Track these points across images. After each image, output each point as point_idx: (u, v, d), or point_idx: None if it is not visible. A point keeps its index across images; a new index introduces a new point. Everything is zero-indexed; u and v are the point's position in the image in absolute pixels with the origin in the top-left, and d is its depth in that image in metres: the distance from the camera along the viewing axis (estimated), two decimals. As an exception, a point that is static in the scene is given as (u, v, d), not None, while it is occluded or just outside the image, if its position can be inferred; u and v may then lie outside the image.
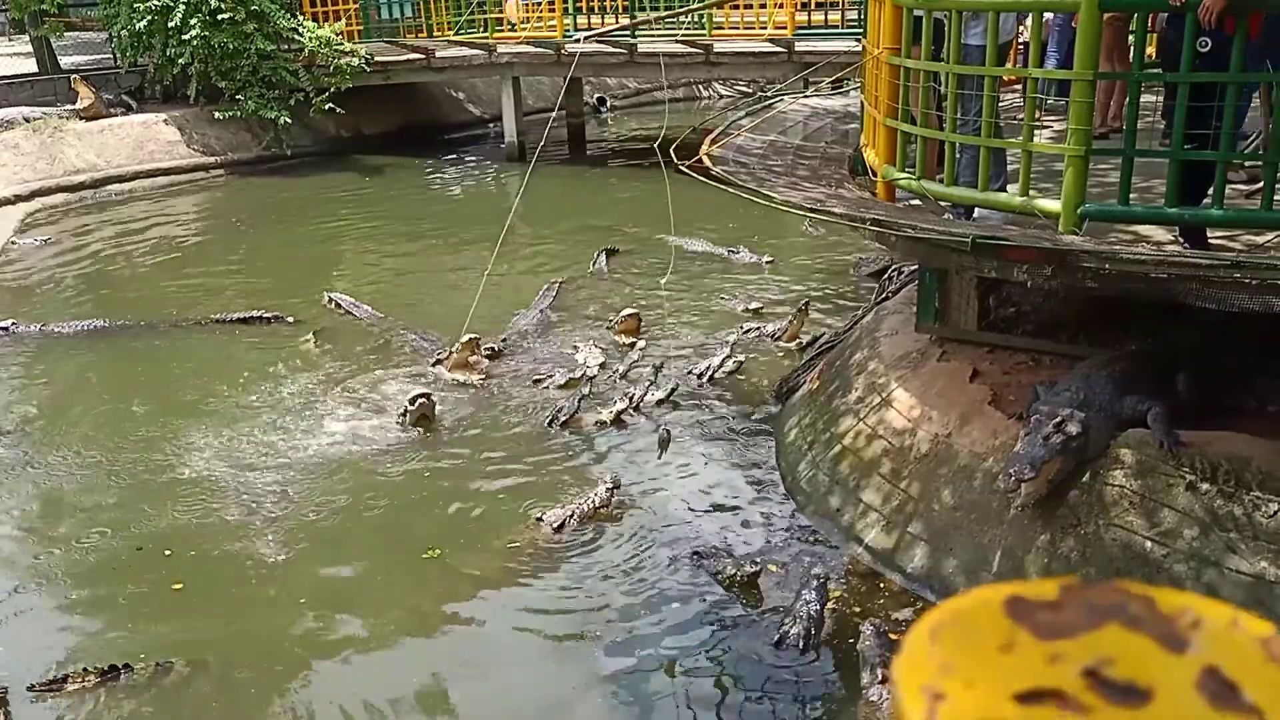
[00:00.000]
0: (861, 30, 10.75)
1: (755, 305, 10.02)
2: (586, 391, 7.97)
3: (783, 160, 7.59)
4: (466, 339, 8.57)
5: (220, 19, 16.71)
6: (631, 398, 7.80)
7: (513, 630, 5.49)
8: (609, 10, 18.60)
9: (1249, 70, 4.92)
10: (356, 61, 17.90)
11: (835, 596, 5.52)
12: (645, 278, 11.26)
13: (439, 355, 8.77)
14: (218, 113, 17.54)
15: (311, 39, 17.61)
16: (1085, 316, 6.58)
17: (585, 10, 18.44)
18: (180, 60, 17.10)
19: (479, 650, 5.36)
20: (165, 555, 6.19)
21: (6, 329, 9.98)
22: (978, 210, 6.15)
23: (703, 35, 16.98)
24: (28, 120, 16.78)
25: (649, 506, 6.61)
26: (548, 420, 7.64)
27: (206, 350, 9.59)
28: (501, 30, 18.60)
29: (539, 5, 18.70)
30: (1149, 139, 5.64)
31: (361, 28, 19.47)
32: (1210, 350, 5.63)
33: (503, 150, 18.63)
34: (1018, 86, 9.10)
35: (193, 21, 16.63)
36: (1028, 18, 8.25)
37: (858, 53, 8.95)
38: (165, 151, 17.35)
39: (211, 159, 17.64)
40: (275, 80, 17.55)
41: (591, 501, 6.36)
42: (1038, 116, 6.84)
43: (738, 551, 6.00)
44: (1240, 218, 5.34)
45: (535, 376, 8.53)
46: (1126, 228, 5.68)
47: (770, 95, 11.28)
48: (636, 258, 12.01)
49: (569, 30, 17.66)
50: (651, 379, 8.23)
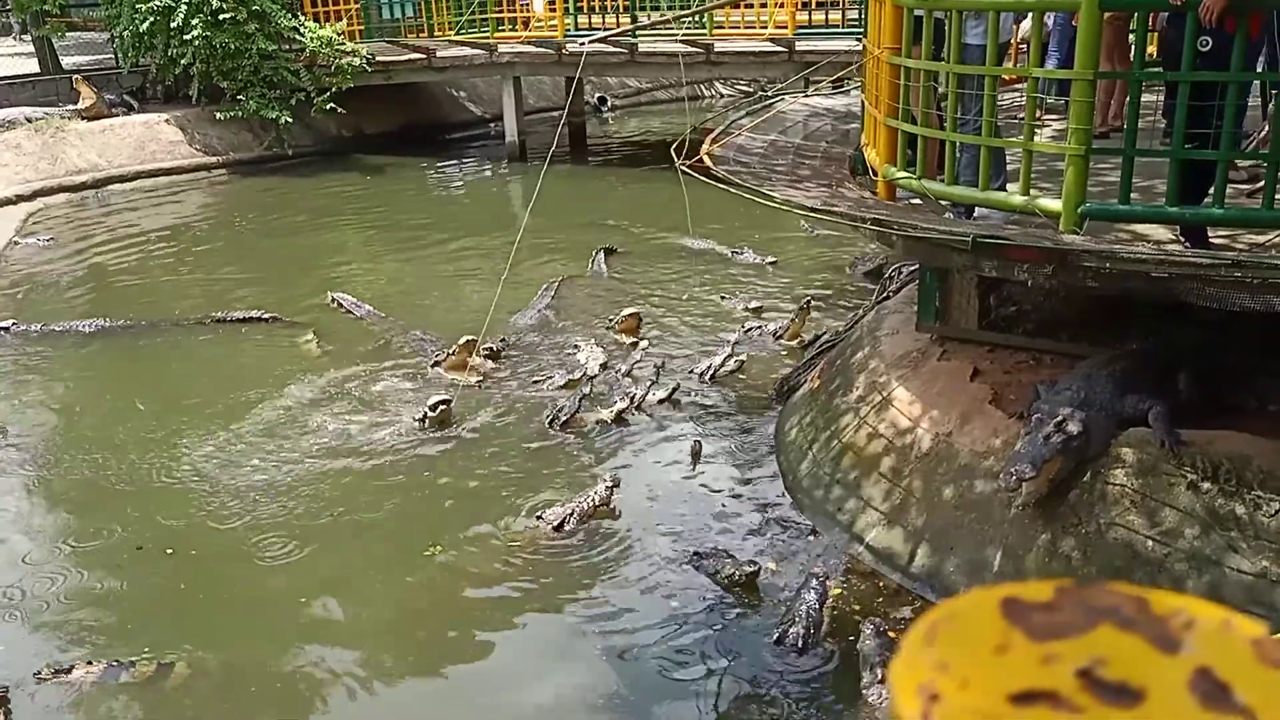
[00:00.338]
0: (862, 30, 10.76)
1: (755, 305, 10.03)
2: (588, 391, 7.98)
3: (784, 160, 7.59)
4: (464, 340, 8.58)
5: (222, 19, 16.72)
6: (633, 397, 7.81)
7: (512, 629, 5.50)
8: (609, 10, 18.61)
9: (1249, 69, 4.92)
10: (358, 61, 17.92)
11: (835, 595, 5.53)
12: (645, 277, 11.27)
13: (437, 357, 8.77)
14: (219, 113, 17.56)
15: (313, 39, 17.62)
16: (1086, 316, 6.58)
17: (586, 10, 18.45)
18: (182, 61, 17.12)
19: (479, 649, 5.37)
20: (168, 554, 6.21)
21: (7, 329, 9.99)
22: (978, 209, 6.15)
23: (703, 35, 16.98)
24: (30, 120, 16.81)
25: (649, 505, 6.62)
26: (549, 420, 7.65)
27: (207, 350, 9.60)
28: (504, 30, 18.60)
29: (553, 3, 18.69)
30: (1150, 138, 5.63)
31: (362, 27, 19.49)
32: (1211, 349, 5.63)
33: (504, 150, 18.64)
34: (1017, 86, 9.10)
35: (194, 22, 16.64)
36: (1025, 19, 8.25)
37: (858, 52, 8.95)
38: (167, 151, 17.37)
39: (213, 159, 17.66)
40: (276, 80, 17.57)
41: (591, 500, 6.37)
42: (1038, 116, 6.84)
43: (737, 551, 6.00)
44: (1241, 217, 5.34)
45: (535, 376, 8.54)
46: (1127, 227, 5.68)
47: (771, 95, 11.27)
48: (637, 257, 12.02)
49: (570, 30, 17.67)
50: (653, 378, 8.23)
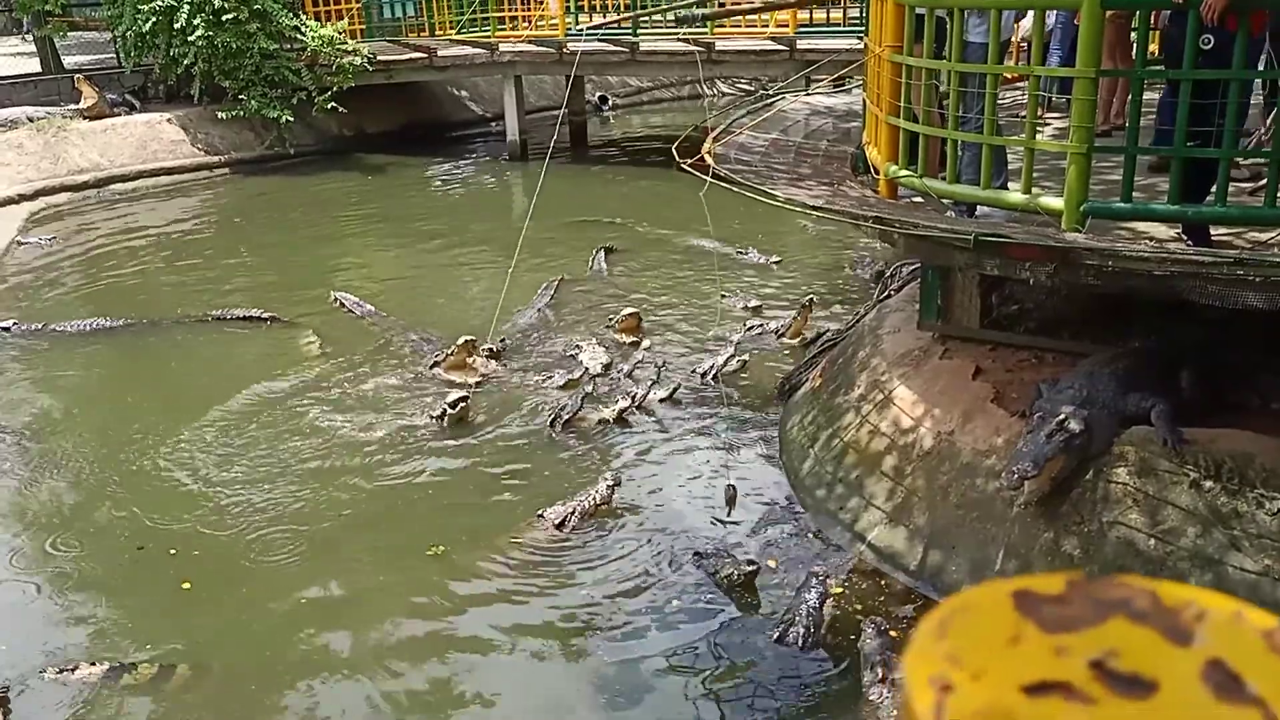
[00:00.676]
0: (863, 28, 10.75)
1: (755, 303, 10.03)
2: (590, 390, 7.98)
3: (785, 158, 7.59)
4: (462, 341, 8.58)
5: (224, 19, 16.73)
6: (634, 396, 7.81)
7: (514, 627, 5.50)
8: (610, 9, 18.61)
9: (1250, 67, 4.91)
10: (359, 60, 17.92)
11: (838, 594, 5.53)
12: (645, 276, 11.27)
13: (436, 357, 8.77)
14: (221, 112, 17.57)
15: (314, 38, 17.63)
16: (1088, 314, 6.58)
17: (587, 9, 18.45)
18: (184, 61, 17.14)
19: (480, 648, 5.36)
20: (171, 554, 6.21)
21: (8, 328, 10.00)
22: (980, 208, 6.15)
23: (704, 33, 16.97)
24: (31, 120, 16.82)
25: (651, 504, 6.62)
26: (550, 419, 7.65)
27: (208, 349, 9.61)
28: (506, 29, 18.60)
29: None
30: (1152, 137, 5.64)
31: (364, 26, 19.50)
32: (1214, 347, 5.62)
33: (505, 149, 18.65)
34: (1019, 84, 9.10)
35: (196, 21, 16.65)
36: (1027, 18, 8.24)
37: (859, 51, 8.95)
38: (168, 151, 17.37)
39: (215, 158, 17.66)
40: (278, 79, 17.58)
41: (592, 499, 6.37)
42: (1040, 114, 6.84)
43: (739, 550, 6.01)
44: (1243, 215, 5.34)
45: (537, 376, 8.54)
46: (1129, 225, 5.67)
47: (772, 93, 11.28)
48: (637, 256, 12.02)
49: (571, 29, 17.66)
50: (654, 378, 8.23)
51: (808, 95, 10.63)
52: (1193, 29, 4.79)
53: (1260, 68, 5.13)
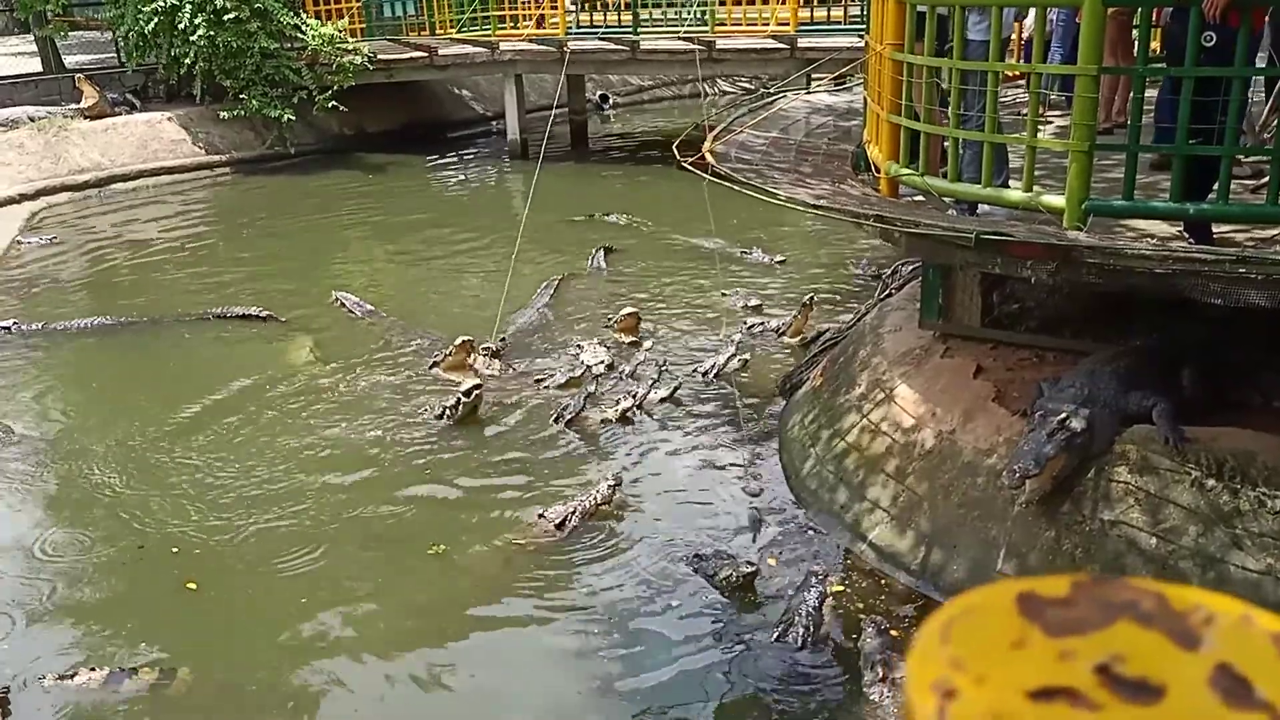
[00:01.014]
0: (864, 26, 10.73)
1: (755, 302, 10.02)
2: (592, 390, 7.97)
3: (786, 157, 7.58)
4: (460, 341, 8.57)
5: (225, 19, 16.73)
6: (635, 396, 7.80)
7: (513, 627, 5.49)
8: (611, 8, 18.61)
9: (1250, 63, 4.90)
10: (359, 59, 17.91)
11: (839, 594, 5.52)
12: (646, 275, 11.26)
13: (435, 358, 8.76)
14: (223, 112, 17.57)
15: (315, 37, 17.62)
16: (1089, 312, 6.57)
17: (588, 7, 18.45)
18: (186, 60, 17.15)
19: (480, 648, 5.36)
20: (173, 553, 6.21)
21: (8, 328, 10.00)
22: (982, 206, 6.14)
23: (705, 32, 16.95)
24: (32, 119, 16.82)
25: (651, 503, 6.61)
26: (553, 419, 7.64)
27: (209, 348, 9.60)
28: (505, 28, 18.60)
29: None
30: (1153, 134, 5.63)
31: (364, 25, 19.48)
32: (1215, 345, 5.61)
33: (506, 148, 18.64)
34: (1019, 82, 9.08)
35: (198, 21, 16.65)
36: (1028, 16, 8.23)
37: (860, 49, 8.94)
38: (169, 150, 17.37)
39: (215, 157, 17.66)
40: (278, 79, 17.57)
41: (593, 498, 6.37)
42: (1041, 112, 6.82)
43: (740, 549, 6.00)
44: (1245, 212, 5.33)
45: (538, 375, 8.53)
46: (1130, 223, 5.66)
47: (773, 92, 11.27)
48: (638, 255, 12.01)
49: (571, 27, 17.66)
50: (654, 377, 8.22)
51: (808, 94, 10.62)
52: (1194, 26, 4.78)
53: (1261, 64, 5.11)
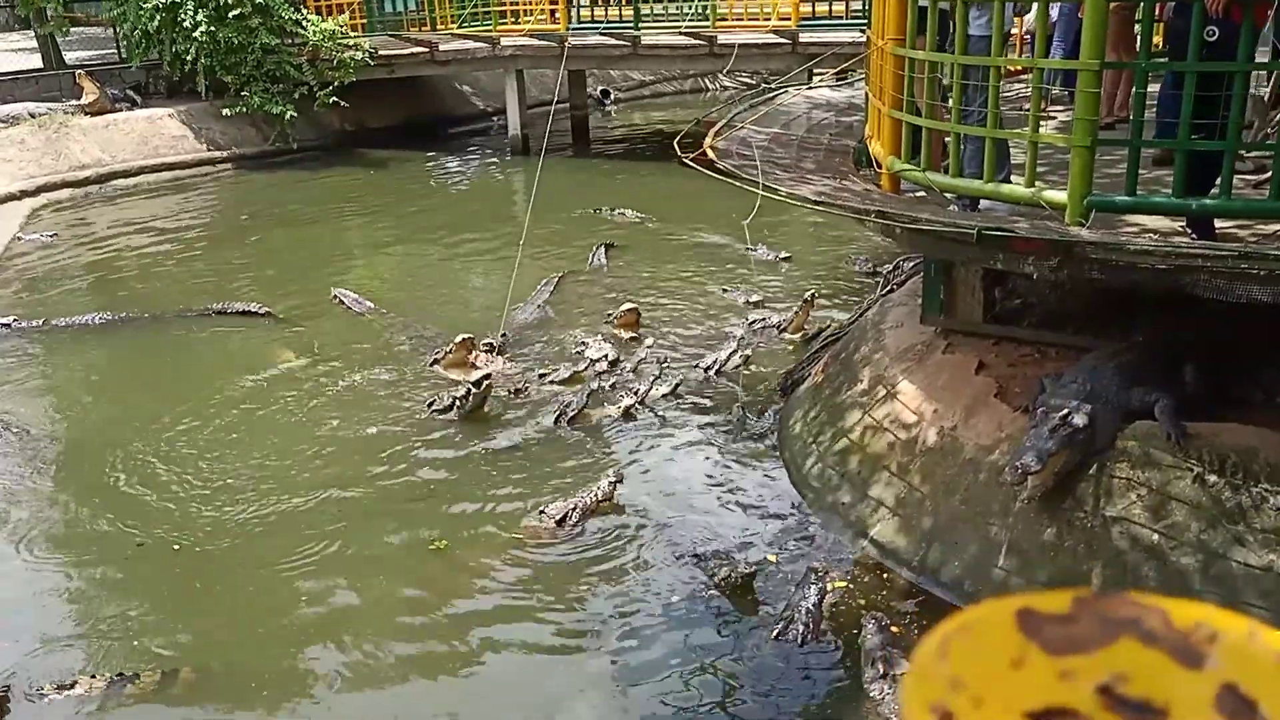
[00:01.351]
0: (866, 21, 10.71)
1: (756, 298, 10.01)
2: (595, 387, 7.96)
3: (787, 153, 7.56)
4: (460, 339, 8.56)
5: (228, 15, 16.72)
6: (636, 392, 7.79)
7: (515, 623, 5.49)
8: (612, 3, 18.57)
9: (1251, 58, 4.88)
10: (360, 55, 17.89)
11: (840, 588, 5.51)
12: (647, 271, 11.24)
13: (435, 355, 8.75)
14: (225, 109, 17.56)
15: (315, 32, 17.60)
16: (1091, 308, 6.55)
17: (589, 3, 18.42)
18: (188, 57, 17.15)
19: (481, 644, 5.35)
20: (174, 551, 6.20)
21: (9, 324, 9.99)
22: (983, 202, 6.12)
23: (706, 27, 16.92)
24: (33, 116, 16.81)
25: (652, 500, 6.60)
26: (555, 416, 7.63)
27: (209, 344, 9.60)
28: (506, 23, 18.57)
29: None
30: (1155, 130, 5.60)
31: (365, 21, 19.46)
32: (1217, 342, 5.59)
33: (506, 143, 18.61)
34: (1022, 77, 9.06)
35: (200, 17, 16.65)
36: (1030, 12, 8.20)
37: (862, 44, 8.91)
38: (170, 146, 17.36)
39: (216, 153, 17.66)
40: (279, 74, 17.56)
41: (594, 495, 6.36)
42: (1043, 108, 6.80)
43: (741, 545, 5.99)
44: (1247, 208, 5.31)
45: (542, 371, 8.51)
46: (1133, 219, 5.64)
47: (774, 87, 11.22)
48: (640, 251, 11.99)
49: (572, 23, 17.63)
50: (656, 374, 8.21)
51: (809, 89, 10.59)
52: (1197, 20, 4.76)
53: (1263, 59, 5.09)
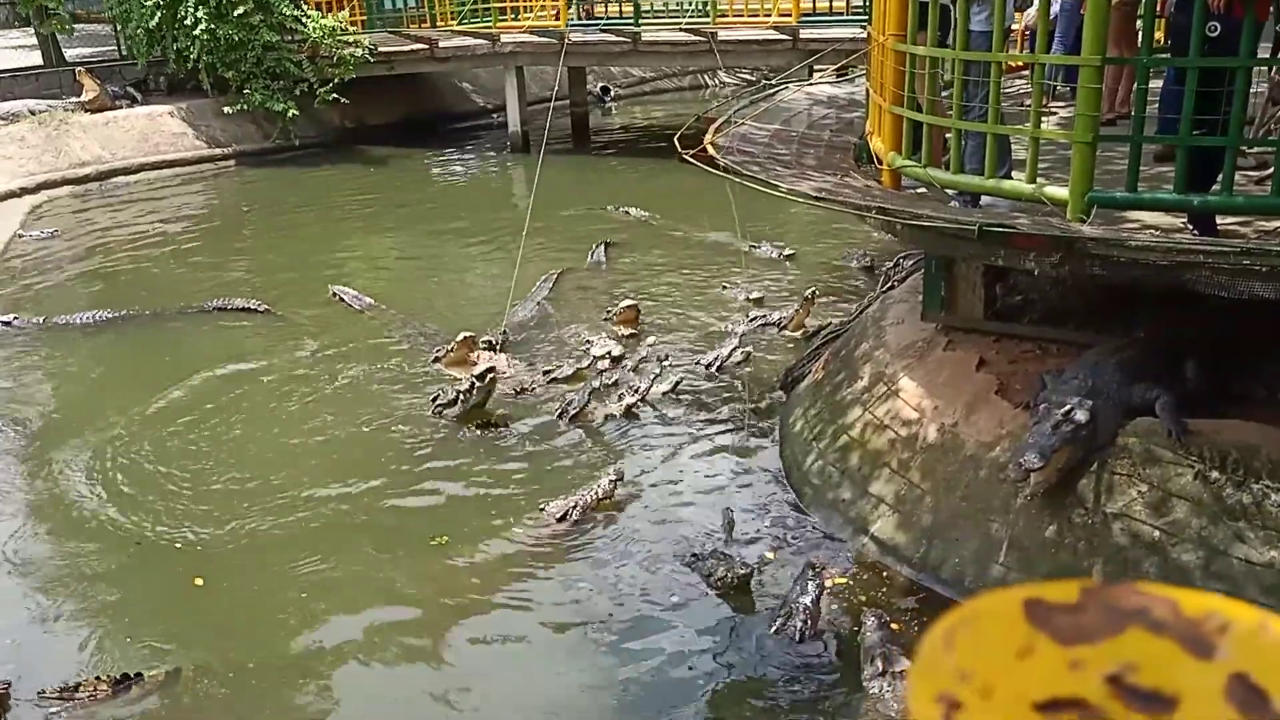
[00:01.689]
0: (866, 17, 10.68)
1: (756, 295, 10.00)
2: (597, 385, 7.95)
3: (788, 149, 7.54)
4: (462, 337, 8.55)
5: (232, 13, 16.73)
6: (637, 390, 7.78)
7: (516, 619, 5.48)
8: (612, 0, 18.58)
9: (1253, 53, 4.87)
10: (360, 52, 17.88)
11: (841, 584, 5.51)
12: (647, 268, 11.23)
13: (437, 352, 8.74)
14: (228, 106, 17.55)
15: (316, 29, 17.59)
16: (1092, 305, 6.54)
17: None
18: (190, 55, 17.16)
19: (481, 640, 5.35)
20: (175, 548, 6.20)
21: (9, 323, 9.98)
22: (984, 198, 6.11)
23: (706, 23, 16.91)
24: (33, 113, 16.81)
25: (653, 497, 6.60)
26: (557, 413, 7.62)
27: (210, 341, 9.59)
28: (506, 19, 18.55)
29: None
30: (1157, 125, 5.59)
31: (365, 18, 19.45)
32: (1218, 338, 5.58)
33: (506, 140, 18.60)
34: (1023, 73, 9.04)
35: (200, 15, 16.66)
36: (1031, 6, 8.19)
37: (863, 40, 8.90)
38: (170, 143, 17.36)
39: (217, 150, 17.66)
40: (279, 71, 17.55)
41: (594, 493, 6.36)
42: (1044, 103, 6.78)
43: (741, 542, 5.99)
44: (1250, 204, 5.29)
45: (545, 368, 8.49)
46: (1134, 215, 5.63)
47: (775, 83, 11.20)
48: (640, 248, 11.97)
49: (572, 20, 17.62)
50: (656, 371, 8.20)
51: (810, 85, 10.57)
52: (1199, 16, 4.75)
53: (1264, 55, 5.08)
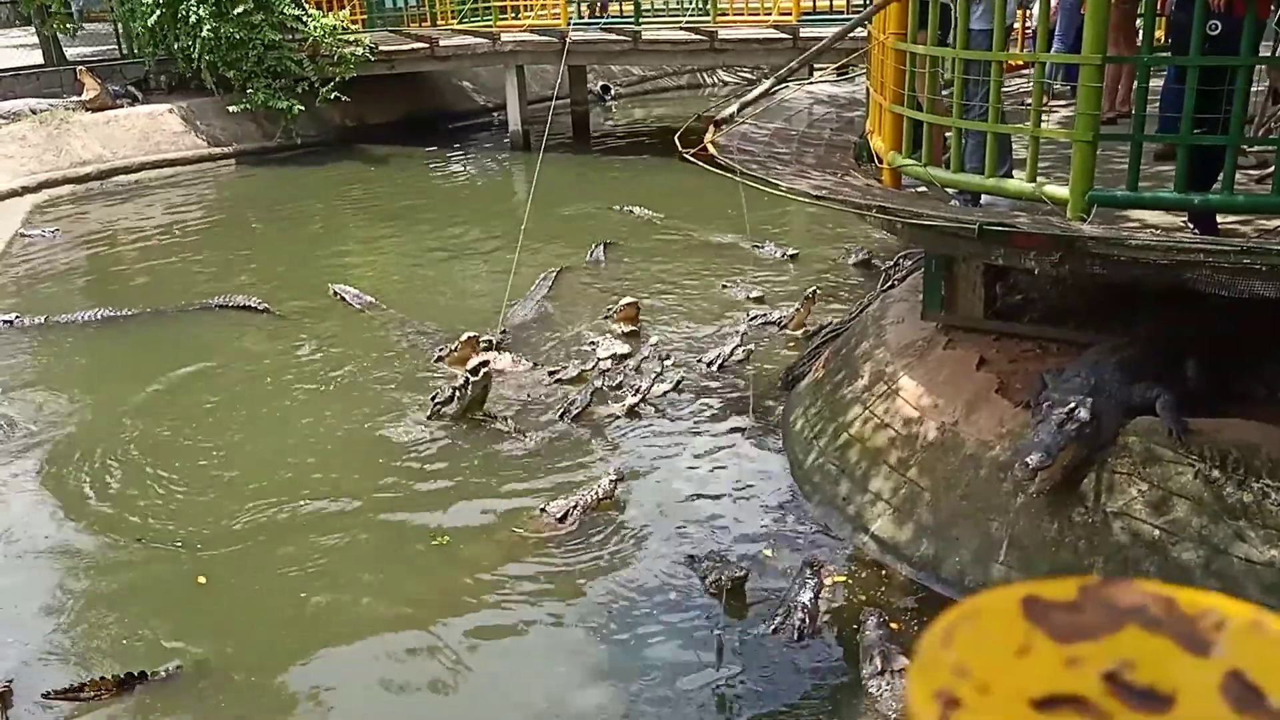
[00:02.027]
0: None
1: (757, 294, 10.00)
2: (599, 385, 7.95)
3: (788, 148, 7.54)
4: (466, 337, 8.55)
5: (233, 11, 16.74)
6: (639, 390, 7.78)
7: (516, 619, 5.49)
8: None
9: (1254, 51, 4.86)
10: (361, 50, 17.88)
11: (841, 583, 5.51)
12: (648, 266, 11.23)
13: (440, 351, 8.74)
14: (232, 106, 17.56)
15: (316, 28, 17.60)
16: (1093, 304, 6.54)
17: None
18: (191, 53, 17.18)
19: (481, 639, 5.35)
20: (176, 547, 6.20)
21: (10, 321, 9.99)
22: (985, 197, 6.11)
23: (706, 22, 16.90)
24: (34, 112, 16.81)
25: (654, 497, 6.60)
26: (560, 413, 7.62)
27: (211, 339, 9.60)
28: (506, 18, 18.55)
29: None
30: (1158, 124, 5.59)
31: (365, 16, 19.45)
32: (1219, 337, 5.58)
33: (507, 139, 18.60)
34: (1024, 71, 9.04)
35: (201, 15, 16.67)
36: (1033, 5, 8.18)
37: (863, 39, 8.89)
38: (171, 142, 17.36)
39: (217, 149, 17.66)
40: (280, 70, 17.56)
41: (595, 493, 6.36)
42: (1045, 102, 6.78)
43: (739, 542, 5.99)
44: (1250, 203, 5.29)
45: (551, 369, 8.49)
46: (1135, 214, 5.63)
47: (774, 82, 11.18)
48: (641, 247, 11.97)
49: (573, 18, 17.62)
50: (657, 370, 8.20)
51: (810, 84, 10.56)
52: (1199, 14, 4.75)
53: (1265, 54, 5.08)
